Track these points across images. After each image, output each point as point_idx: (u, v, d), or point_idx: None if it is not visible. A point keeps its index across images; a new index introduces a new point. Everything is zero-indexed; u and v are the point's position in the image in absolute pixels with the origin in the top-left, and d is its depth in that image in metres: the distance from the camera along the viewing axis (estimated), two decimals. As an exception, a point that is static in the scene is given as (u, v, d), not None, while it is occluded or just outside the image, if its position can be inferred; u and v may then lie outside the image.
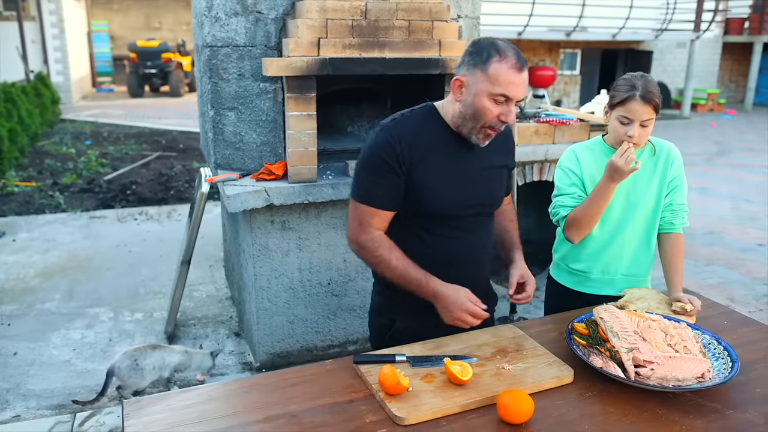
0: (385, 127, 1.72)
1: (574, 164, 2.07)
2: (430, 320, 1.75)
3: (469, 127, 1.67)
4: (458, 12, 3.33)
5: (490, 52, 1.60)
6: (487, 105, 1.62)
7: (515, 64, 1.59)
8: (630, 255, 2.11)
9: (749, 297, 4.43)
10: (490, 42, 1.63)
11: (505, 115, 1.63)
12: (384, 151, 1.67)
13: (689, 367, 1.52)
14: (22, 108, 9.21)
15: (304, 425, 1.39)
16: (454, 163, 1.74)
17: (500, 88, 1.60)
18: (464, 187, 1.75)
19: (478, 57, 1.62)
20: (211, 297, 4.27)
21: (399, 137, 1.68)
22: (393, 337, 1.83)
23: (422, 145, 1.69)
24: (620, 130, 1.94)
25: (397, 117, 1.75)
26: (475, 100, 1.63)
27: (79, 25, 18.03)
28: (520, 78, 1.60)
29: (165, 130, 11.51)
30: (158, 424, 1.40)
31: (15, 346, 3.56)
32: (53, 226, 5.84)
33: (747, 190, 7.73)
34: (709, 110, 16.52)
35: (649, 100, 1.88)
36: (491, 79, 1.59)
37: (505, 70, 1.58)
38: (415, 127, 1.72)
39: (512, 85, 1.59)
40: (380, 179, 1.69)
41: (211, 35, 2.96)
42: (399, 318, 1.86)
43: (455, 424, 1.39)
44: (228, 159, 3.13)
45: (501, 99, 1.61)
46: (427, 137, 1.71)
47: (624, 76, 1.97)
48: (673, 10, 13.79)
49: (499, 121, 1.64)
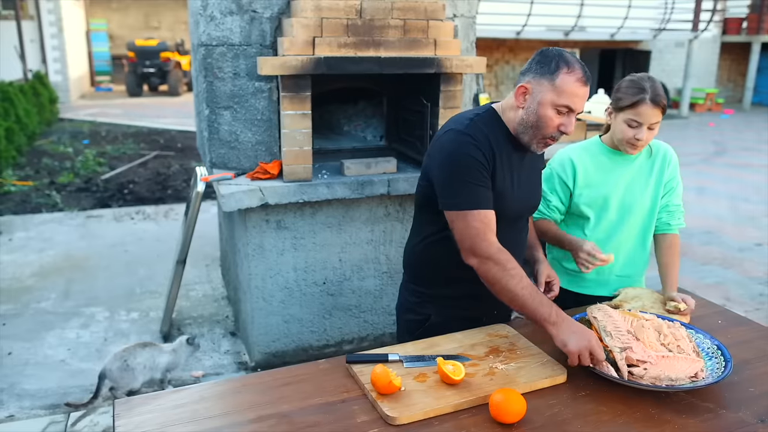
0: (462, 132, 1.70)
1: (567, 172, 2.05)
2: (463, 313, 1.85)
3: (529, 135, 1.70)
4: (454, 11, 3.33)
5: (559, 63, 1.62)
6: (549, 114, 1.64)
7: (582, 77, 1.63)
8: (625, 256, 2.11)
9: (745, 296, 4.43)
10: (558, 52, 1.65)
11: (566, 126, 1.66)
12: (474, 152, 1.67)
13: (682, 367, 1.52)
14: (20, 107, 9.19)
15: (295, 425, 1.38)
16: (517, 166, 1.78)
17: (565, 99, 1.62)
18: (525, 190, 1.81)
19: (546, 67, 1.64)
20: (208, 296, 4.26)
21: (481, 139, 1.69)
22: (427, 331, 1.83)
23: (496, 148, 1.72)
24: (628, 133, 1.92)
25: (467, 120, 1.73)
26: (539, 108, 1.65)
27: (78, 24, 17.99)
28: (584, 91, 1.64)
29: (163, 130, 11.49)
30: (149, 423, 1.39)
31: (10, 345, 3.55)
32: (50, 225, 5.83)
33: (745, 190, 7.73)
34: (708, 110, 16.51)
35: (658, 103, 1.87)
36: (558, 90, 1.62)
37: (572, 82, 1.62)
38: (487, 131, 1.72)
39: (577, 98, 1.63)
40: (479, 181, 1.67)
41: (207, 34, 2.95)
42: (435, 313, 1.89)
43: (447, 424, 1.39)
44: (223, 158, 3.12)
45: (564, 110, 1.64)
46: (495, 141, 1.73)
47: (629, 77, 1.94)
48: (671, 9, 13.79)
49: (558, 132, 1.67)
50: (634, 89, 1.89)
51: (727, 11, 17.22)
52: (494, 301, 1.86)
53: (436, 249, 1.84)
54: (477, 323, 1.85)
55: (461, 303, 1.88)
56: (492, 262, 1.63)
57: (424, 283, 1.91)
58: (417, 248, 1.90)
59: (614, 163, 2.04)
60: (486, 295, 1.82)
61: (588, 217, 2.07)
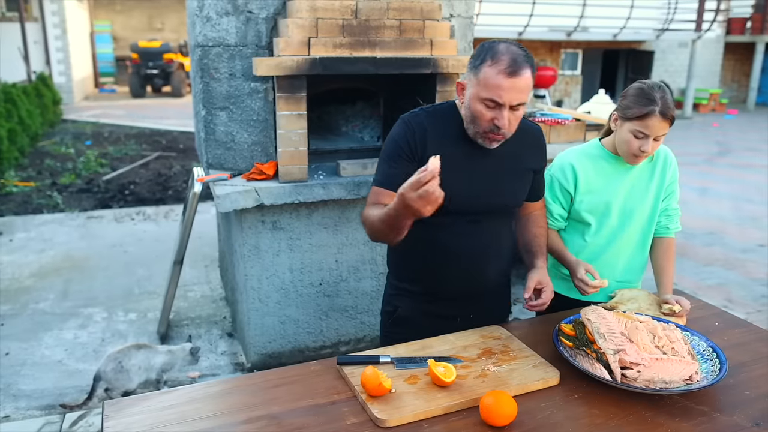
0: (403, 118, 1.77)
1: (568, 179, 2.00)
2: (429, 308, 1.86)
3: (472, 131, 1.69)
4: (451, 11, 3.31)
5: (485, 56, 1.60)
6: (479, 109, 1.62)
7: (505, 69, 1.56)
8: (624, 262, 2.07)
9: (747, 298, 4.40)
10: (489, 45, 1.62)
11: (499, 119, 1.61)
12: (399, 138, 1.73)
13: (677, 369, 1.50)
14: (22, 108, 9.22)
15: (284, 427, 1.37)
16: (468, 161, 1.74)
17: (488, 92, 1.59)
18: (480, 187, 1.75)
19: (475, 60, 1.63)
20: (206, 297, 4.25)
21: (414, 127, 1.72)
22: (395, 323, 1.93)
23: (437, 139, 1.71)
24: (634, 144, 1.85)
25: (418, 110, 1.79)
26: (470, 103, 1.64)
27: (82, 25, 18.06)
28: (508, 83, 1.56)
29: (165, 131, 11.51)
30: (138, 425, 1.38)
31: (7, 346, 3.55)
32: (50, 226, 5.83)
33: (749, 190, 7.69)
34: (712, 110, 16.46)
35: (668, 116, 1.80)
36: (481, 83, 1.60)
37: (494, 75, 1.57)
38: (433, 121, 1.74)
39: (500, 90, 1.57)
40: (394, 163, 1.72)
41: (203, 35, 2.95)
42: (403, 306, 1.91)
43: (437, 427, 1.38)
44: (219, 159, 3.12)
45: (491, 104, 1.60)
46: (444, 132, 1.72)
47: (638, 85, 1.85)
48: (674, 9, 13.74)
49: (495, 126, 1.62)
50: (644, 100, 1.80)
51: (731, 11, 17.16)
52: (469, 303, 1.87)
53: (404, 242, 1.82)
54: (450, 323, 1.85)
55: (429, 298, 1.87)
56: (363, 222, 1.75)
57: (396, 276, 1.95)
58: None
59: (615, 169, 1.99)
60: (457, 294, 1.84)
61: (589, 224, 2.03)
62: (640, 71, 15.89)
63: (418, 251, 1.81)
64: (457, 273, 1.81)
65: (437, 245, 1.79)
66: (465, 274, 1.81)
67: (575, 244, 2.07)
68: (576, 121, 4.05)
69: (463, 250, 1.79)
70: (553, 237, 2.04)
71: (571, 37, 13.19)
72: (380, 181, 1.75)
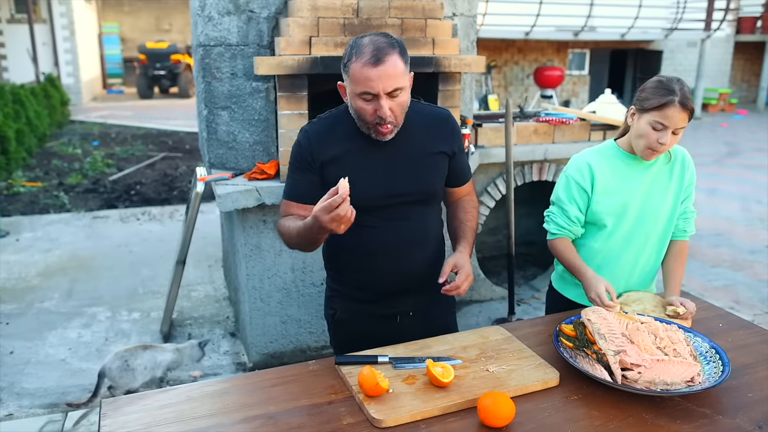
0: (303, 128, 1.79)
1: (585, 178, 1.94)
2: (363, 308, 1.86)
3: (363, 127, 1.69)
4: (453, 10, 3.30)
5: (350, 53, 1.61)
6: (360, 105, 1.63)
7: (369, 60, 1.56)
8: (640, 268, 2.02)
9: (755, 299, 4.35)
10: (354, 41, 1.63)
11: (379, 110, 1.61)
12: (298, 150, 1.76)
13: (678, 371, 1.48)
14: (31, 109, 9.28)
15: (281, 426, 1.36)
16: (372, 155, 1.72)
17: (360, 86, 1.59)
18: (385, 177, 1.73)
19: (344, 59, 1.64)
20: (209, 297, 4.26)
21: (310, 137, 1.75)
22: (336, 326, 1.94)
23: (335, 143, 1.73)
24: (652, 136, 1.81)
25: (314, 119, 1.82)
26: (352, 102, 1.66)
27: (90, 27, 18.18)
28: (375, 72, 1.56)
29: (172, 131, 11.56)
30: (134, 423, 1.38)
31: (11, 344, 3.57)
32: (57, 225, 5.86)
33: (758, 191, 7.61)
34: (721, 110, 16.34)
35: (687, 107, 1.77)
36: (353, 80, 1.61)
37: (360, 69, 1.57)
38: (328, 126, 1.76)
39: (369, 81, 1.57)
40: (295, 174, 1.77)
41: (204, 34, 2.95)
42: (340, 308, 1.92)
43: (434, 427, 1.36)
44: (221, 158, 3.11)
45: (368, 96, 1.60)
46: (339, 135, 1.74)
47: (657, 78, 1.84)
48: (683, 9, 13.64)
49: (379, 117, 1.62)
50: (663, 90, 1.78)
51: (741, 10, 17.02)
52: (401, 299, 1.85)
53: (328, 243, 1.89)
54: (391, 322, 1.85)
55: (363, 298, 1.85)
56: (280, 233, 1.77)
57: (330, 276, 1.96)
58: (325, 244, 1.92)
59: (632, 169, 1.94)
60: (386, 291, 1.83)
61: (605, 225, 1.97)
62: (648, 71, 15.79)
63: (343, 250, 1.84)
64: (380, 268, 1.79)
65: (358, 242, 1.78)
66: (389, 269, 1.79)
67: (591, 247, 2.01)
68: (581, 121, 4.02)
69: (383, 244, 1.77)
70: (565, 246, 1.98)
71: (578, 36, 13.12)
72: (288, 193, 1.80)
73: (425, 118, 1.78)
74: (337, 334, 1.96)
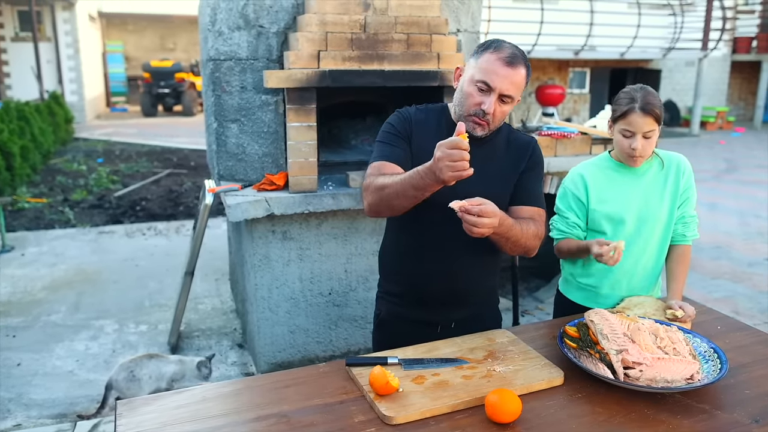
0: (397, 110, 1.87)
1: (579, 189, 2.06)
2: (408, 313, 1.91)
3: (457, 114, 1.76)
4: (458, 26, 3.39)
5: (489, 45, 1.71)
6: (469, 90, 1.70)
7: (504, 57, 1.67)
8: (641, 270, 2.08)
9: (754, 310, 4.40)
10: (495, 39, 1.73)
11: (484, 104, 1.68)
12: (395, 123, 1.82)
13: (678, 369, 1.52)
14: (35, 126, 9.37)
15: (293, 424, 1.40)
16: None
17: (483, 75, 1.67)
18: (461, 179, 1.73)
19: (478, 49, 1.74)
20: (216, 309, 4.29)
21: (409, 114, 1.83)
22: (379, 326, 2.01)
23: (426, 130, 1.80)
24: (624, 143, 1.94)
25: (410, 106, 1.89)
26: (464, 84, 1.73)
27: (94, 45, 18.39)
28: (504, 70, 1.66)
29: (176, 149, 11.65)
30: (150, 423, 1.41)
31: (19, 357, 3.60)
32: (62, 240, 5.91)
33: (756, 206, 7.68)
34: (719, 128, 16.46)
35: (648, 112, 1.88)
36: (478, 67, 1.69)
37: (493, 60, 1.67)
38: (423, 116, 1.84)
39: (494, 75, 1.66)
40: (393, 142, 1.80)
41: (215, 49, 3.03)
42: (384, 310, 1.98)
43: (443, 424, 1.40)
44: (231, 170, 3.18)
45: (483, 86, 1.68)
46: (432, 126, 1.81)
47: (624, 89, 1.98)
48: (680, 29, 13.83)
49: (480, 110, 1.69)
50: (626, 99, 1.92)
51: (737, 30, 17.23)
52: (450, 309, 1.88)
53: (385, 244, 1.96)
54: (431, 330, 1.87)
55: (407, 302, 1.91)
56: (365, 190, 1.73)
57: (382, 275, 2.01)
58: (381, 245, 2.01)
59: (625, 178, 2.04)
60: (437, 297, 1.86)
61: (604, 232, 2.05)
62: (645, 88, 15.91)
63: (401, 247, 1.89)
64: (436, 272, 1.82)
65: (418, 242, 1.82)
66: (445, 275, 1.82)
67: None
68: (582, 135, 4.09)
69: (443, 248, 1.81)
70: (568, 242, 2.07)
71: (578, 55, 13.28)
72: (387, 155, 1.76)
73: (514, 139, 1.86)
74: (378, 334, 2.02)
